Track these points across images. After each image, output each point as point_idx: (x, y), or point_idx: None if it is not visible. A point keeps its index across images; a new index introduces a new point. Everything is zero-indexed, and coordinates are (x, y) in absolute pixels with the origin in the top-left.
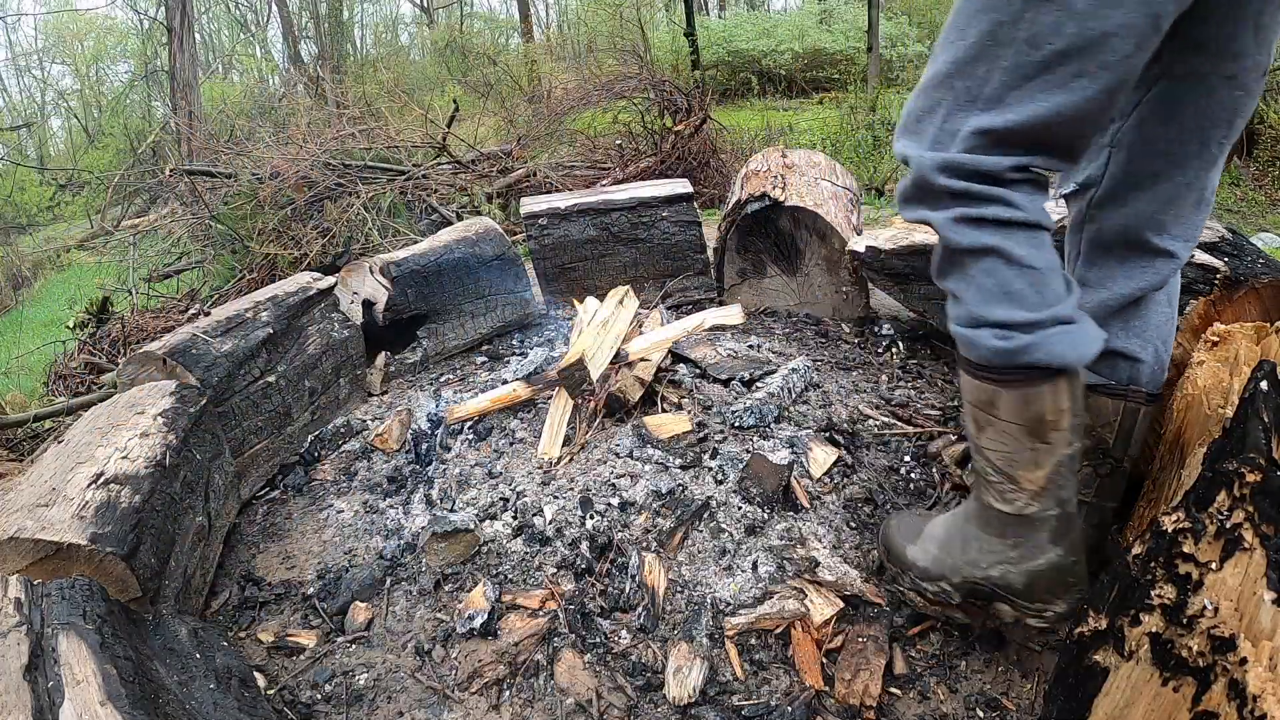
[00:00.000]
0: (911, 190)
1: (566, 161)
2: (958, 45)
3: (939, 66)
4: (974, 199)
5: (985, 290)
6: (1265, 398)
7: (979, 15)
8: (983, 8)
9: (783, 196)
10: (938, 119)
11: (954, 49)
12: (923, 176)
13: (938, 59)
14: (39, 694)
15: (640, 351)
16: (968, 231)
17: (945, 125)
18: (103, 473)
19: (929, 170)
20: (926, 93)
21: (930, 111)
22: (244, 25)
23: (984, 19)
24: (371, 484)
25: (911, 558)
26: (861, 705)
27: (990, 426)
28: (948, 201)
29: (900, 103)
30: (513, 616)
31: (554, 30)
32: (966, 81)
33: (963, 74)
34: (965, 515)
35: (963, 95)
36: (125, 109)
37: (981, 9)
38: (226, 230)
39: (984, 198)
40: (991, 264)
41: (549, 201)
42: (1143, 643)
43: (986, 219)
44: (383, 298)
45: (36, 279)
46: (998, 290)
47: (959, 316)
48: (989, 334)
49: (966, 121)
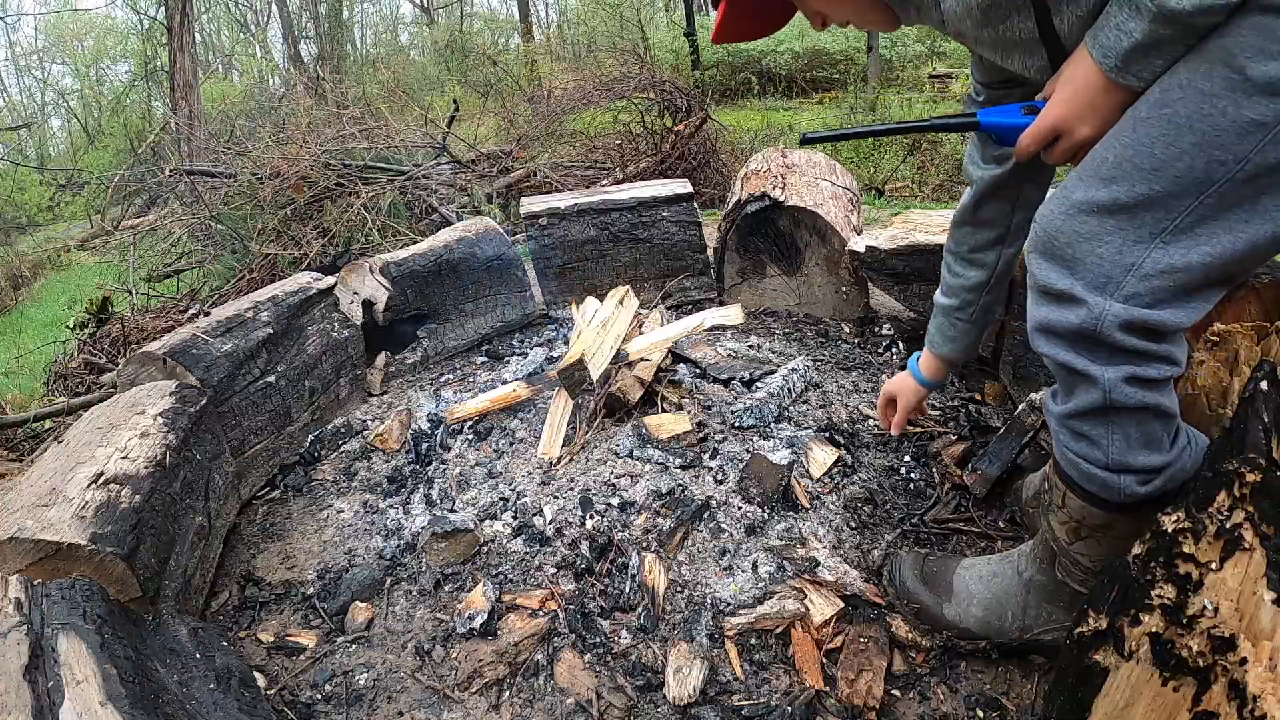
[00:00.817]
0: (1071, 335)
1: (566, 161)
2: (1153, 179)
3: (1116, 194)
4: (1146, 358)
5: (1131, 440)
6: (1265, 398)
7: (1191, 153)
8: (1197, 145)
9: (783, 196)
10: (1107, 249)
11: (1146, 182)
12: (1098, 329)
13: (1113, 186)
14: (39, 694)
15: (640, 351)
16: (1134, 392)
17: (1119, 258)
18: (103, 473)
19: (1110, 327)
20: (1089, 216)
21: (1095, 238)
22: (244, 25)
23: (1197, 158)
24: (371, 484)
25: (950, 619)
26: (865, 706)
27: (1092, 539)
28: (1119, 358)
29: (901, 103)
30: (513, 616)
31: (554, 30)
32: (1157, 215)
33: (1154, 207)
34: (1025, 584)
35: (1148, 227)
36: (125, 109)
37: (1196, 146)
38: (226, 230)
39: (1154, 356)
40: (1144, 418)
41: (549, 201)
42: (1143, 643)
43: (1153, 379)
44: (383, 298)
45: (36, 279)
46: (1143, 439)
47: (1092, 458)
48: (1131, 480)
49: (1149, 256)
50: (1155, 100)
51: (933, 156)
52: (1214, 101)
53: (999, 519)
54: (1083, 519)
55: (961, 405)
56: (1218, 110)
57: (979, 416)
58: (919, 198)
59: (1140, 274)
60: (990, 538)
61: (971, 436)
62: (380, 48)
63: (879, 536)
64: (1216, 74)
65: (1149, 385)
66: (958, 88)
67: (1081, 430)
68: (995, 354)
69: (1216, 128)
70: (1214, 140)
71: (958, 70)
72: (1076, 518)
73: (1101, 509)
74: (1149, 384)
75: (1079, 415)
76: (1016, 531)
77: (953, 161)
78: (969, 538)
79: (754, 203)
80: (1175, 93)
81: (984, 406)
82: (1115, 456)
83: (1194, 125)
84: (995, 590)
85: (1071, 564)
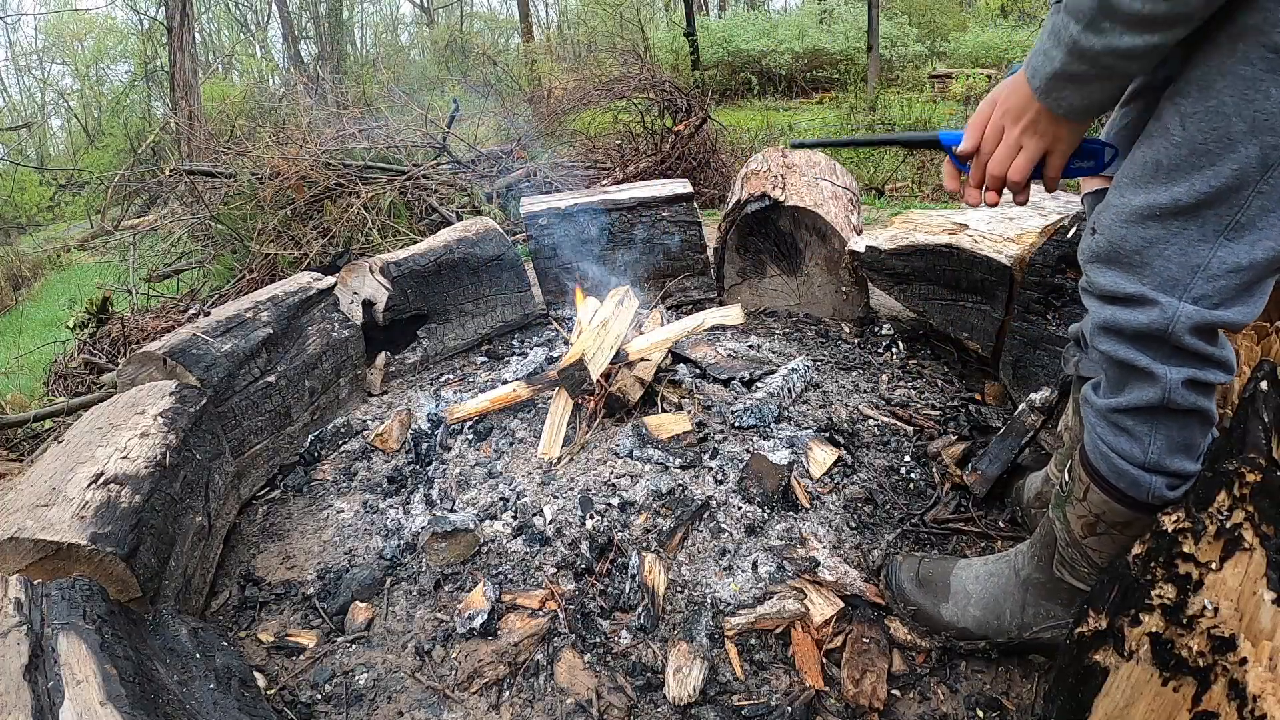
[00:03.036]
0: (1139, 336)
1: (566, 161)
2: (1212, 175)
3: (1177, 196)
4: (1208, 362)
5: (1173, 442)
6: (1265, 398)
7: (1244, 141)
8: (1249, 132)
9: (783, 196)
10: (1173, 251)
11: (1205, 179)
12: (1170, 331)
13: (1173, 187)
14: (39, 694)
15: (640, 351)
16: (1191, 395)
17: (1185, 259)
18: (103, 473)
19: (1182, 329)
20: (1150, 221)
21: (1160, 242)
22: (244, 25)
23: (1250, 145)
24: (371, 484)
25: (948, 619)
26: (869, 707)
27: (1107, 535)
28: (1184, 360)
29: (900, 103)
30: (513, 616)
31: (554, 30)
32: (1219, 210)
33: (1215, 203)
34: (1021, 582)
35: (1211, 225)
36: (125, 109)
37: (1248, 133)
38: (226, 230)
39: (1215, 361)
40: (1191, 423)
41: (549, 201)
42: (1143, 643)
43: (1209, 384)
44: (383, 298)
45: (36, 279)
46: (1183, 444)
47: (1130, 456)
48: (1162, 483)
49: (1214, 255)
50: (1197, 94)
51: (933, 157)
52: (1257, 85)
53: (999, 519)
54: (1102, 514)
55: (961, 405)
56: (1262, 93)
57: (979, 416)
58: (919, 198)
59: (1207, 274)
60: (990, 538)
61: (971, 436)
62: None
63: (879, 536)
64: (1254, 55)
65: (1204, 390)
66: (958, 88)
67: (1125, 425)
68: (995, 354)
69: (1264, 111)
70: (1265, 125)
71: (958, 70)
72: (1096, 512)
73: (1125, 506)
74: (1205, 389)
75: (1128, 411)
76: (1016, 531)
77: None
78: (969, 538)
79: (754, 203)
80: (1218, 81)
81: (984, 406)
82: (1154, 457)
83: (1242, 112)
84: (992, 589)
85: (1080, 557)
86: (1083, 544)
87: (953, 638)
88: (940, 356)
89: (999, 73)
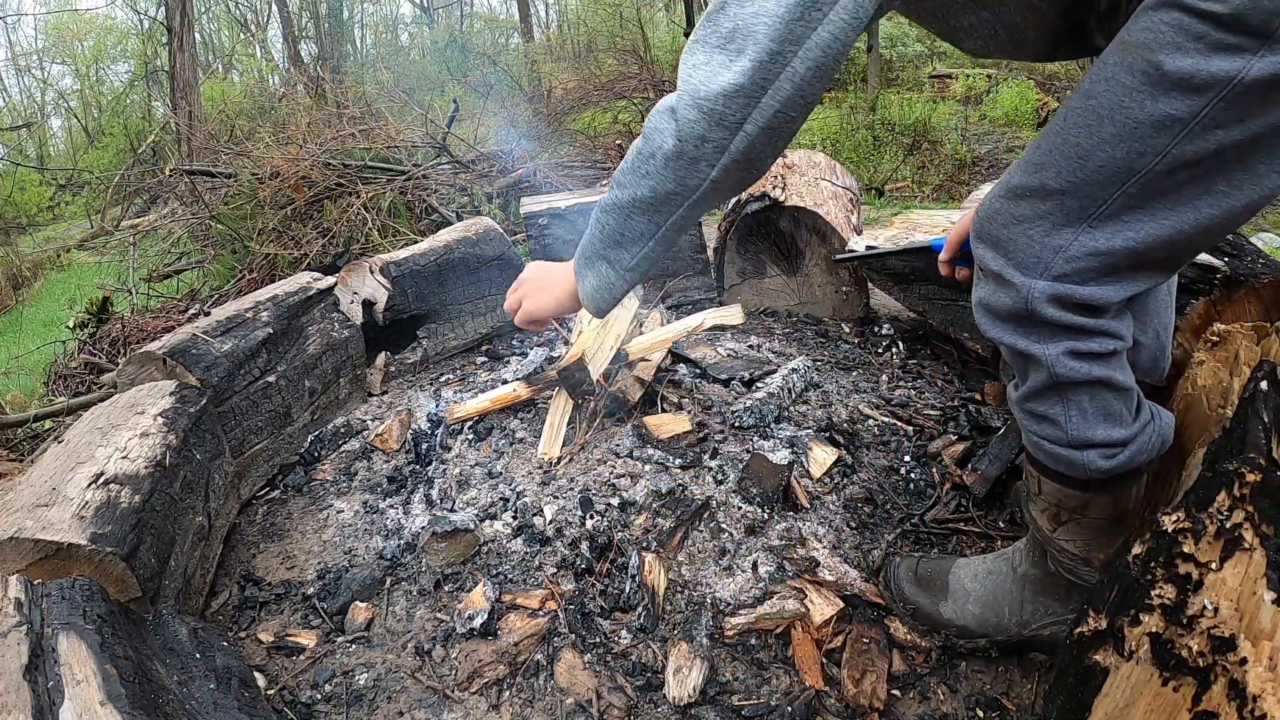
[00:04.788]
0: (1008, 316)
1: (566, 161)
2: (1078, 166)
3: (1045, 180)
4: (1082, 333)
5: (1087, 414)
6: (1265, 398)
7: (1111, 143)
8: (1118, 136)
9: (783, 196)
10: (1037, 231)
11: (1071, 169)
12: (1029, 308)
13: (1042, 172)
14: (39, 694)
15: (640, 351)
16: (1077, 366)
17: (1047, 240)
18: (103, 473)
19: (1039, 303)
20: (1021, 200)
21: (1026, 221)
22: (244, 25)
23: (1117, 148)
24: (371, 484)
25: (948, 617)
26: (869, 707)
27: (1072, 523)
28: (1056, 335)
29: (900, 103)
30: (513, 616)
31: (554, 30)
32: (1083, 201)
33: (1079, 193)
34: (1019, 579)
35: (1075, 212)
36: (125, 109)
37: (1116, 137)
38: (226, 230)
39: (1091, 331)
40: (1096, 392)
41: (549, 201)
42: (1143, 643)
43: (1095, 352)
44: (383, 298)
45: (36, 279)
46: (1100, 413)
47: (1054, 438)
48: (1094, 455)
49: (1075, 240)
50: (1084, 91)
51: (933, 156)
52: (1133, 95)
53: (999, 519)
54: (1059, 502)
55: (961, 405)
56: (1136, 104)
57: (979, 416)
58: (919, 198)
59: (1067, 255)
60: (990, 538)
61: (971, 436)
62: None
63: (879, 536)
64: (1136, 67)
65: (1093, 359)
66: (958, 88)
67: (1039, 411)
68: (995, 354)
69: (1135, 120)
70: (1133, 133)
71: (957, 70)
72: (1053, 502)
73: (1073, 488)
74: (1093, 357)
75: (1034, 396)
76: (1016, 531)
77: (952, 162)
78: (969, 538)
79: (754, 203)
80: (1100, 85)
81: (984, 406)
82: (1075, 432)
83: (1114, 117)
84: (991, 587)
85: (1058, 552)
86: (1054, 539)
87: (953, 636)
88: (940, 356)
89: (999, 73)
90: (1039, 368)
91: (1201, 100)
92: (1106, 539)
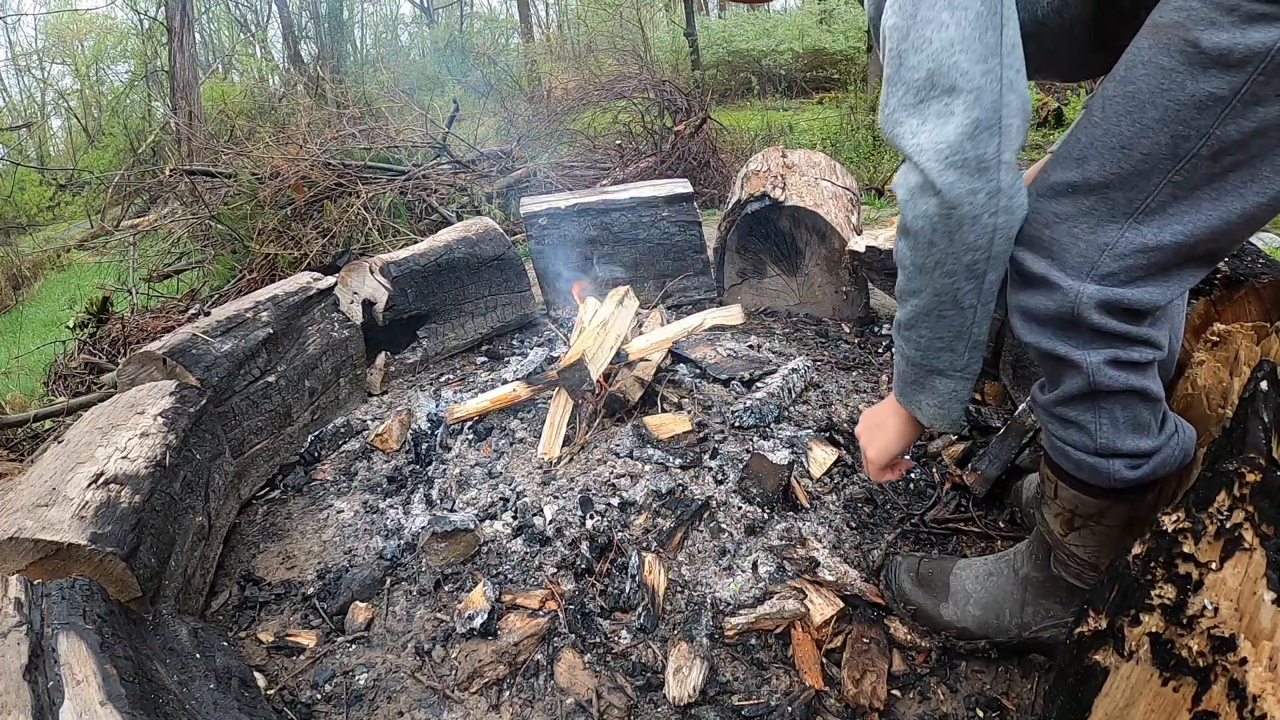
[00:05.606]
0: (1049, 320)
1: (566, 161)
2: (1122, 157)
3: (1088, 174)
4: (1126, 340)
5: (1118, 424)
6: (1265, 398)
7: (1154, 129)
8: (1161, 121)
9: (783, 196)
10: (1082, 229)
11: (1115, 160)
12: (1075, 313)
13: (1083, 166)
14: (39, 694)
15: (640, 351)
16: (1117, 375)
17: (1093, 237)
18: (103, 473)
19: (1087, 308)
20: (1062, 197)
21: (1069, 219)
22: (244, 25)
23: (1161, 133)
24: (371, 484)
25: (949, 619)
26: (869, 707)
27: (1086, 530)
28: (1100, 342)
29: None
30: (513, 616)
31: (554, 30)
32: (1129, 193)
33: (1124, 185)
34: (1022, 581)
35: (1120, 206)
36: (125, 109)
37: (1160, 122)
38: (226, 230)
39: (1135, 339)
40: (1129, 401)
41: (549, 201)
42: (1143, 643)
43: (1136, 362)
44: (383, 298)
45: (36, 279)
46: (1130, 423)
47: (1081, 445)
48: (1121, 465)
49: (1123, 236)
50: (1120, 78)
51: None
52: (1172, 76)
53: (999, 519)
54: (1075, 508)
55: None
56: (1176, 85)
57: (979, 416)
58: None
59: (1115, 253)
60: (990, 538)
61: (971, 436)
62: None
63: (879, 536)
64: (1174, 47)
65: (1132, 368)
66: None
67: (1069, 417)
68: (995, 354)
69: (1177, 102)
70: (1176, 115)
71: None
72: (1069, 508)
73: (1092, 496)
74: (1132, 367)
75: (1066, 401)
76: (1016, 531)
77: None
78: (969, 538)
79: (754, 203)
80: (1138, 69)
81: (984, 406)
82: (1103, 441)
83: (1155, 101)
84: (992, 589)
85: (1067, 557)
86: (1065, 543)
87: (953, 637)
88: None
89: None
90: (1076, 374)
91: (1242, 76)
92: (1116, 546)
